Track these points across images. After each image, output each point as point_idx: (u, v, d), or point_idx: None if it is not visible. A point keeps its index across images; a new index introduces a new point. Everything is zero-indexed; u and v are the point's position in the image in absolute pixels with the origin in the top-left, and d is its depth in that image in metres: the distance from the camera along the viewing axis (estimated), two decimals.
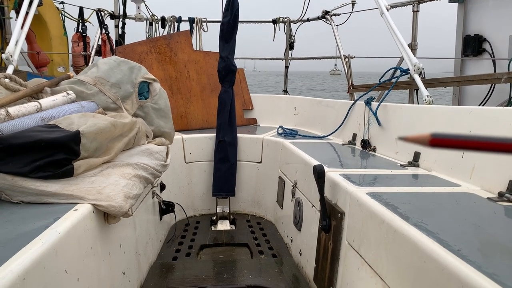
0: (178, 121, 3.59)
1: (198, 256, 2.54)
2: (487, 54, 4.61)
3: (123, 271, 1.71)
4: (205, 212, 3.32)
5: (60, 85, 1.99)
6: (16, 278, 0.85)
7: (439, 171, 1.90)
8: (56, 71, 6.64)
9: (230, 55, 3.09)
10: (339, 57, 4.42)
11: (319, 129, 3.46)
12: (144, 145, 1.99)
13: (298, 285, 2.04)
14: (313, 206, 2.08)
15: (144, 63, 3.27)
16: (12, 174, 1.30)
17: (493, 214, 1.30)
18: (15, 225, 1.12)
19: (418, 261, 1.06)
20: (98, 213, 1.39)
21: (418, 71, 2.76)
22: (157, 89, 2.29)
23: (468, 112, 1.80)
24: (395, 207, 1.33)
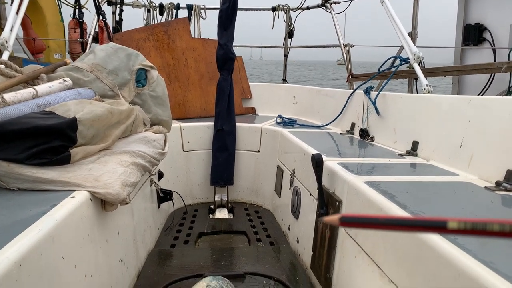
0: (176, 109, 3.57)
1: (196, 243, 2.55)
2: (487, 43, 4.59)
3: (121, 258, 1.71)
4: (203, 200, 3.33)
5: (57, 72, 1.97)
6: (13, 264, 0.85)
7: (437, 160, 1.90)
8: (53, 58, 6.57)
9: (228, 43, 3.06)
10: (339, 46, 4.39)
11: (318, 118, 3.45)
12: (142, 133, 1.98)
13: (295, 272, 2.05)
14: (311, 195, 2.08)
15: (141, 50, 3.24)
16: (8, 161, 1.29)
17: (490, 203, 1.30)
18: (11, 212, 1.12)
19: (415, 249, 1.07)
20: (95, 200, 1.39)
21: (417, 60, 2.75)
22: (155, 77, 2.27)
23: (467, 102, 1.79)
24: (392, 195, 1.33)
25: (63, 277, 1.10)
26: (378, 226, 0.32)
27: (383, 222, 0.32)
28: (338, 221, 0.32)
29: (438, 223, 0.32)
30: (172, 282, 1.92)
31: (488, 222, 0.32)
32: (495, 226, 0.32)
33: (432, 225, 0.33)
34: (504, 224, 0.31)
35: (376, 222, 0.33)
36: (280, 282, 1.94)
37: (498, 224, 0.31)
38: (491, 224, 0.32)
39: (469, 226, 0.32)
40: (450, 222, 0.32)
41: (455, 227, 0.32)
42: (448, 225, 0.33)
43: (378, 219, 0.32)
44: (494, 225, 0.32)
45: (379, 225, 0.32)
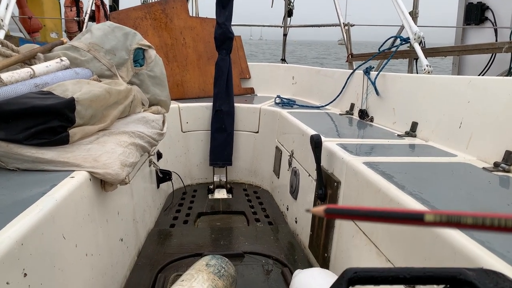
0: (174, 89, 3.55)
1: (196, 223, 2.57)
2: (489, 22, 4.53)
3: (121, 237, 1.73)
4: (202, 181, 3.35)
5: (54, 51, 1.94)
6: (14, 243, 0.86)
7: (436, 141, 1.90)
8: (49, 37, 6.49)
9: (227, 22, 3.02)
10: (339, 25, 4.33)
11: (317, 98, 3.44)
12: (140, 113, 1.97)
13: (293, 251, 2.08)
14: (309, 176, 2.09)
15: (139, 29, 3.19)
16: (7, 141, 1.28)
17: (487, 184, 1.31)
18: (11, 192, 1.12)
19: (412, 229, 1.08)
20: (95, 180, 1.40)
21: (418, 40, 2.72)
22: (153, 56, 2.25)
23: (467, 82, 1.78)
24: (391, 176, 1.34)
25: (64, 256, 1.12)
26: (359, 218, 0.34)
27: (364, 214, 0.34)
28: (323, 212, 0.33)
29: (416, 215, 0.34)
30: (172, 261, 1.94)
31: (462, 215, 0.33)
32: (469, 219, 0.33)
33: (410, 217, 0.34)
34: (477, 217, 0.32)
35: (357, 214, 0.34)
36: (279, 261, 1.97)
37: (472, 218, 0.33)
38: (465, 217, 0.33)
39: (444, 219, 0.33)
40: (426, 215, 0.33)
41: (431, 220, 0.33)
42: (425, 218, 0.34)
43: (359, 210, 0.34)
44: (468, 218, 0.33)
45: (361, 217, 0.34)
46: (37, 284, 0.95)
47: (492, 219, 0.32)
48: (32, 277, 0.92)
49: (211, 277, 1.42)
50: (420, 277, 0.49)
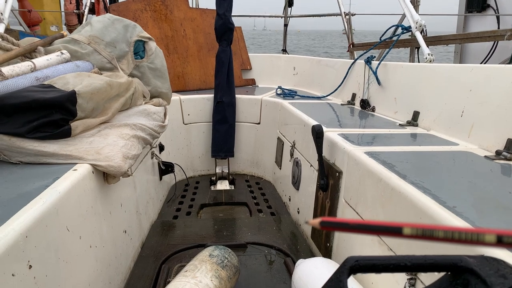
0: (175, 81, 3.54)
1: (198, 215, 2.59)
2: (491, 10, 4.49)
3: (124, 229, 1.75)
4: (205, 172, 3.35)
5: (54, 45, 1.94)
6: (19, 236, 0.87)
7: (438, 130, 1.90)
8: (49, 30, 6.47)
9: (227, 12, 3.00)
10: (340, 15, 4.30)
11: (319, 89, 3.43)
12: (141, 106, 1.97)
13: (296, 242, 2.10)
14: (311, 166, 2.09)
15: (139, 22, 3.18)
16: (9, 135, 1.29)
17: (489, 172, 1.31)
18: (15, 185, 1.13)
19: (414, 217, 1.08)
20: (98, 173, 1.40)
21: (420, 28, 2.70)
22: (153, 48, 2.24)
23: (469, 70, 1.77)
24: (392, 165, 1.34)
25: (68, 248, 1.13)
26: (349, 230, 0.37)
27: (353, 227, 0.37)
28: (319, 225, 0.37)
29: (395, 228, 0.36)
30: (176, 252, 1.96)
31: (435, 229, 0.35)
32: (440, 233, 0.35)
33: (391, 230, 0.36)
34: (447, 231, 0.35)
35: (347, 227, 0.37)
36: (281, 251, 1.98)
37: (443, 231, 0.35)
38: (437, 231, 0.35)
39: (420, 232, 0.36)
40: (405, 228, 0.36)
41: (409, 233, 0.36)
42: (403, 231, 0.36)
43: (349, 224, 0.37)
44: (439, 231, 0.35)
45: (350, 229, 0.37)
46: (42, 276, 0.96)
47: (460, 233, 0.34)
48: (37, 269, 0.93)
49: (214, 267, 1.44)
50: (421, 265, 0.50)
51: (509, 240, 0.33)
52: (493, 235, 0.33)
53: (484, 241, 0.33)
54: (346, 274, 0.50)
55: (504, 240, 0.33)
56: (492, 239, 0.33)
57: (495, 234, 0.33)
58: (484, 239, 0.34)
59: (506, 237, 0.33)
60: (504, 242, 0.33)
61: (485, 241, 0.33)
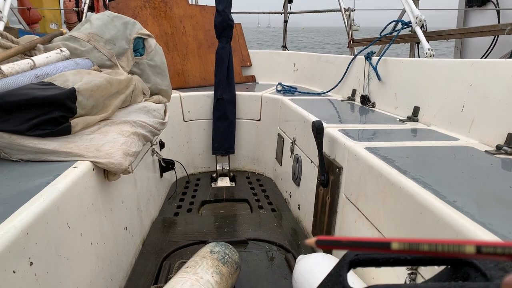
0: (175, 78, 3.54)
1: (199, 211, 2.59)
2: (491, 4, 4.47)
3: (125, 226, 1.75)
4: (205, 169, 3.36)
5: (53, 42, 1.94)
6: (19, 233, 0.87)
7: (438, 125, 1.90)
8: (49, 28, 6.46)
9: (226, 9, 2.99)
10: (339, 10, 4.29)
11: (319, 85, 3.42)
12: (141, 103, 1.97)
13: (297, 237, 2.10)
14: (311, 162, 2.09)
15: (138, 19, 3.18)
16: (9, 132, 1.29)
17: (489, 167, 1.31)
18: (15, 182, 1.13)
19: (414, 212, 1.08)
20: (98, 170, 1.40)
21: (420, 23, 2.69)
22: (153, 45, 2.24)
23: (469, 65, 1.76)
24: (392, 161, 1.34)
25: (69, 245, 1.13)
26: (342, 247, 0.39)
27: (345, 244, 0.39)
28: (315, 244, 0.39)
29: (384, 244, 0.38)
30: (177, 248, 1.96)
31: (420, 243, 0.36)
32: (425, 246, 0.36)
33: (380, 246, 0.38)
34: (431, 244, 0.36)
35: (340, 244, 0.39)
36: (282, 247, 1.99)
37: (428, 244, 0.36)
38: (422, 244, 0.36)
39: (407, 246, 0.37)
40: (393, 243, 0.37)
41: (396, 248, 0.37)
42: (391, 246, 0.37)
43: (341, 241, 0.39)
44: (424, 245, 0.36)
45: (343, 246, 0.39)
46: (43, 273, 0.96)
47: (443, 245, 0.36)
48: (38, 266, 0.93)
49: (215, 263, 1.44)
50: (421, 259, 0.50)
51: (488, 250, 0.34)
52: (472, 246, 0.35)
53: (464, 252, 0.35)
54: (346, 268, 0.50)
55: (482, 250, 0.35)
56: (471, 250, 0.35)
57: (474, 245, 0.35)
58: (465, 250, 0.35)
59: (484, 248, 0.35)
60: (483, 252, 0.35)
61: (466, 252, 0.35)
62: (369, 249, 0.39)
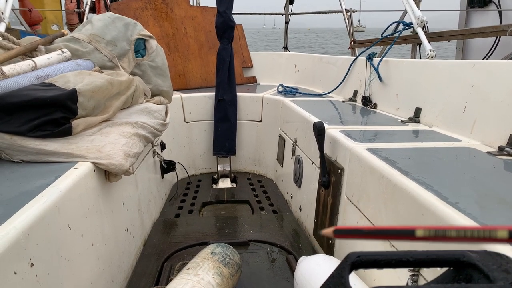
0: (177, 80, 3.54)
1: (200, 213, 2.59)
2: (493, 5, 4.47)
3: (126, 227, 1.75)
4: (206, 170, 3.35)
5: (55, 43, 1.94)
6: (20, 234, 0.87)
7: (440, 126, 1.89)
8: (50, 29, 6.48)
9: (228, 10, 2.99)
10: (341, 11, 4.29)
11: (320, 86, 3.42)
12: (143, 104, 1.97)
13: (298, 239, 2.09)
14: (313, 163, 2.09)
15: (139, 20, 3.17)
16: (10, 133, 1.29)
17: (492, 168, 1.31)
18: (16, 184, 1.13)
19: (416, 214, 1.08)
20: (99, 171, 1.40)
21: (421, 24, 2.68)
22: (154, 46, 2.24)
23: (471, 66, 1.76)
24: (394, 162, 1.34)
25: (70, 246, 1.13)
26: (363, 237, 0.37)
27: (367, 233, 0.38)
28: (332, 234, 0.38)
29: (408, 231, 0.37)
30: (178, 250, 1.96)
31: (447, 229, 0.35)
32: (453, 233, 0.36)
33: (403, 233, 0.37)
34: (459, 230, 0.35)
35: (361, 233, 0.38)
36: (283, 248, 1.98)
37: (455, 231, 0.36)
38: (450, 230, 0.36)
39: (433, 233, 0.36)
40: (417, 231, 0.36)
41: (421, 235, 0.36)
42: (416, 233, 0.36)
43: (363, 230, 0.38)
44: (452, 231, 0.36)
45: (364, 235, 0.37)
46: (44, 274, 0.96)
47: (473, 231, 0.35)
48: (39, 267, 0.93)
49: (217, 265, 1.44)
50: (423, 260, 0.49)
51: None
52: (505, 231, 0.34)
53: (496, 237, 0.34)
54: (347, 270, 0.50)
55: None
56: (504, 235, 0.34)
57: (507, 230, 0.34)
58: (497, 235, 0.34)
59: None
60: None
61: (498, 237, 0.34)
62: (391, 238, 0.37)
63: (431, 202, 1.02)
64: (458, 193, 1.07)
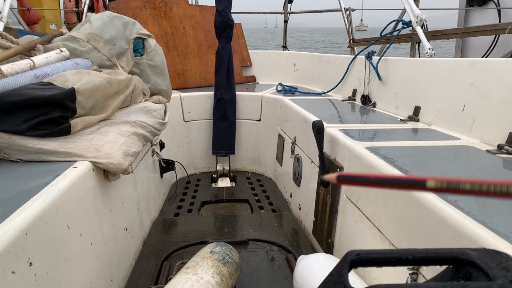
0: (176, 79, 3.54)
1: (200, 212, 2.58)
2: (492, 4, 4.47)
3: (125, 227, 1.74)
4: (206, 170, 3.35)
5: (53, 42, 1.93)
6: (19, 233, 0.87)
7: (439, 125, 1.89)
8: (48, 28, 6.47)
9: (227, 9, 2.99)
10: (340, 10, 4.28)
11: (319, 85, 3.42)
12: (141, 103, 1.96)
13: (297, 238, 2.09)
14: (312, 162, 2.09)
15: (138, 19, 3.17)
16: (9, 133, 1.29)
17: (491, 166, 1.31)
18: (15, 183, 1.13)
19: (415, 212, 1.08)
20: (98, 170, 1.40)
21: (420, 23, 2.68)
22: (152, 46, 2.23)
23: (470, 64, 1.76)
24: (393, 160, 1.33)
25: (69, 245, 1.13)
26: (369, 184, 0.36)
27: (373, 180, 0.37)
28: (335, 179, 0.35)
29: (419, 181, 0.35)
30: (177, 249, 1.96)
31: (461, 181, 0.35)
32: (467, 185, 0.34)
33: (414, 183, 0.36)
34: (475, 183, 0.34)
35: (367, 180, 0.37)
36: (283, 247, 1.98)
37: (470, 183, 0.34)
38: (464, 183, 0.35)
39: (445, 185, 0.35)
40: (428, 181, 0.35)
41: (433, 186, 0.35)
42: (427, 184, 0.35)
43: (369, 177, 0.37)
44: (466, 184, 0.35)
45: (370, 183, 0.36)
46: (43, 273, 0.96)
47: (489, 185, 0.34)
48: (37, 266, 0.93)
49: (216, 264, 1.43)
50: (423, 258, 0.49)
51: None
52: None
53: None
54: (347, 268, 0.49)
55: None
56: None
57: None
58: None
59: None
60: None
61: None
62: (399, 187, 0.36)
63: (430, 200, 1.02)
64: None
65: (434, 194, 1.04)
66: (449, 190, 0.34)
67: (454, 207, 0.96)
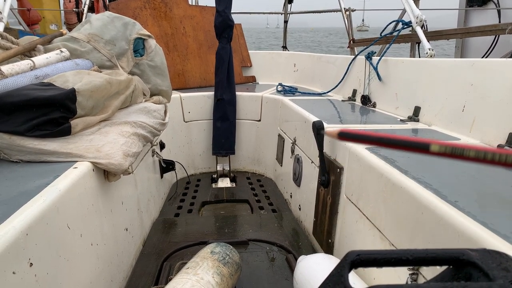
0: (176, 79, 3.54)
1: (200, 212, 2.59)
2: (492, 4, 4.47)
3: (126, 227, 1.74)
4: (206, 170, 3.35)
5: (53, 43, 1.93)
6: (19, 233, 0.87)
7: (439, 125, 1.89)
8: (49, 29, 6.47)
9: (227, 9, 2.99)
10: (340, 11, 4.29)
11: (319, 85, 3.42)
12: (142, 104, 1.97)
13: (297, 238, 2.09)
14: (312, 162, 2.09)
15: (138, 19, 3.17)
16: (9, 133, 1.29)
17: (491, 167, 1.31)
18: (15, 183, 1.13)
19: (415, 212, 1.08)
20: (98, 171, 1.40)
21: (420, 23, 2.68)
22: (153, 46, 2.23)
23: (470, 65, 1.76)
24: (393, 161, 1.34)
25: (69, 246, 1.13)
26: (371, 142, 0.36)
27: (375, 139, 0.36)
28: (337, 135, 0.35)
29: (422, 144, 0.35)
30: (177, 249, 1.96)
31: (466, 148, 0.35)
32: (471, 152, 0.35)
33: (417, 146, 0.35)
34: (479, 151, 0.34)
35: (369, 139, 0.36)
36: (283, 248, 1.98)
37: (474, 151, 0.35)
38: (468, 150, 0.35)
39: (449, 150, 0.35)
40: (432, 145, 0.35)
41: (436, 150, 0.35)
42: (430, 148, 0.35)
43: (371, 136, 0.36)
44: (470, 151, 0.35)
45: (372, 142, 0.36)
46: (43, 274, 0.96)
47: (494, 153, 0.33)
48: (38, 267, 0.93)
49: (216, 264, 1.44)
50: (423, 259, 0.49)
51: None
52: None
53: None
54: (347, 268, 0.49)
55: None
56: None
57: None
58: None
59: None
60: None
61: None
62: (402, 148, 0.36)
63: (430, 201, 1.02)
64: (457, 191, 1.07)
65: (435, 195, 1.04)
66: (453, 156, 0.34)
67: (454, 207, 0.96)
